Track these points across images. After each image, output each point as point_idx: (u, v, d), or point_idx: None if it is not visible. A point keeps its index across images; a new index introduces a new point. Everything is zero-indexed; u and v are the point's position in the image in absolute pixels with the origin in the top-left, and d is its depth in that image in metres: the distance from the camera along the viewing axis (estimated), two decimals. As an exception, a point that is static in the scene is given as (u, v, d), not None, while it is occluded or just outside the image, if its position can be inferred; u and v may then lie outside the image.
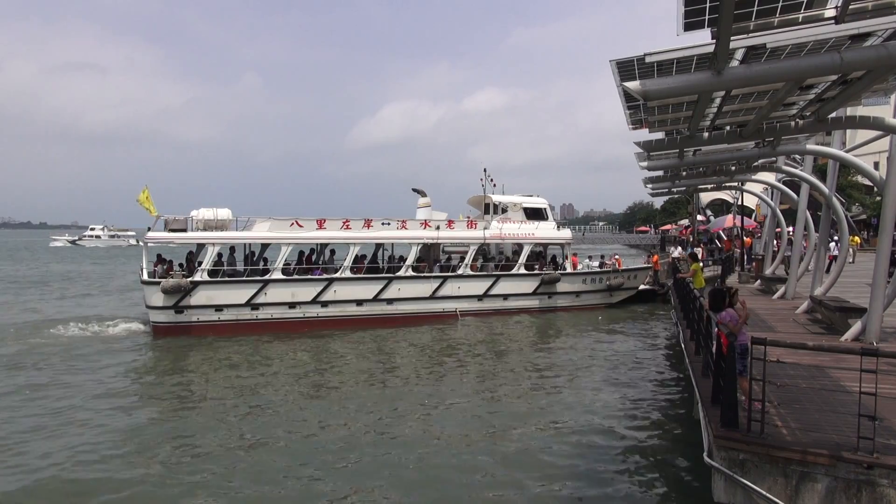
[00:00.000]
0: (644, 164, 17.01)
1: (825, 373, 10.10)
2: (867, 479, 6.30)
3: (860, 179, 49.34)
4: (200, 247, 25.57)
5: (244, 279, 24.80)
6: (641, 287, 33.98)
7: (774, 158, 17.08)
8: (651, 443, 11.87)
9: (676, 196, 68.74)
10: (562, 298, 29.81)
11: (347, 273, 25.84)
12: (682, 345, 15.42)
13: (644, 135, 14.23)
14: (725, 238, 42.14)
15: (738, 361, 7.56)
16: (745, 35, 7.74)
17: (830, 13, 7.34)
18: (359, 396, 15.38)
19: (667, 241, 69.23)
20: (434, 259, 29.30)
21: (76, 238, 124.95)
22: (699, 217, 58.47)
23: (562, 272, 29.72)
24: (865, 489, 6.30)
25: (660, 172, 19.61)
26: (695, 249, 34.73)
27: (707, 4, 6.73)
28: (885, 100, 14.02)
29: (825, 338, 13.24)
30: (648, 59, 8.36)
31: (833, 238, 23.74)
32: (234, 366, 18.79)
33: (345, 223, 26.61)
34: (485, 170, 31.01)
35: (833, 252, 22.99)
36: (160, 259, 24.83)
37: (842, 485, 6.40)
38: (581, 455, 11.26)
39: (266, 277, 24.84)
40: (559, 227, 32.38)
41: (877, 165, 31.10)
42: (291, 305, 25.00)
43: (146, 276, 23.64)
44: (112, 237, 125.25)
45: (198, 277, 23.80)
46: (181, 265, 24.80)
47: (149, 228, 24.32)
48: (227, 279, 24.62)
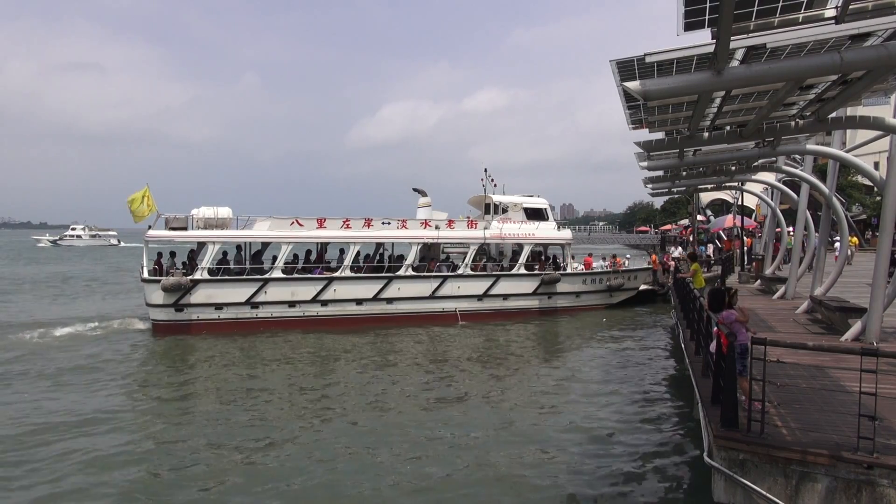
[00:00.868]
0: (644, 164, 17.01)
1: (825, 373, 10.11)
2: (867, 479, 6.30)
3: (860, 179, 49.33)
4: (201, 245, 25.57)
5: (244, 278, 24.80)
6: (642, 287, 34.01)
7: (774, 158, 17.08)
8: (651, 443, 11.86)
9: (676, 196, 68.75)
10: (562, 299, 29.81)
11: (347, 272, 25.87)
12: (682, 345, 15.43)
13: (644, 135, 14.22)
14: (725, 238, 42.14)
15: (738, 361, 7.56)
16: (745, 35, 7.74)
17: (830, 13, 7.34)
18: (359, 396, 15.37)
19: (667, 241, 69.18)
20: (434, 258, 29.30)
21: (57, 238, 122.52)
22: (699, 217, 58.45)
23: (562, 272, 29.72)
24: (865, 489, 6.30)
25: (660, 172, 19.61)
26: (695, 249, 34.73)
27: (707, 4, 6.73)
28: (885, 100, 14.04)
29: (825, 338, 13.24)
30: (648, 59, 8.35)
31: (835, 238, 23.72)
32: (234, 364, 18.80)
33: (345, 223, 26.63)
34: (486, 170, 31.03)
35: (838, 252, 22.90)
36: (160, 257, 24.82)
37: (842, 485, 6.40)
38: (580, 454, 11.27)
39: (266, 276, 24.86)
40: (559, 228, 32.37)
41: (877, 165, 31.11)
42: (291, 304, 25.01)
43: (146, 275, 23.64)
44: (93, 237, 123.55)
45: (198, 276, 23.81)
46: (184, 263, 24.82)
47: (150, 227, 24.29)
48: (228, 277, 24.63)
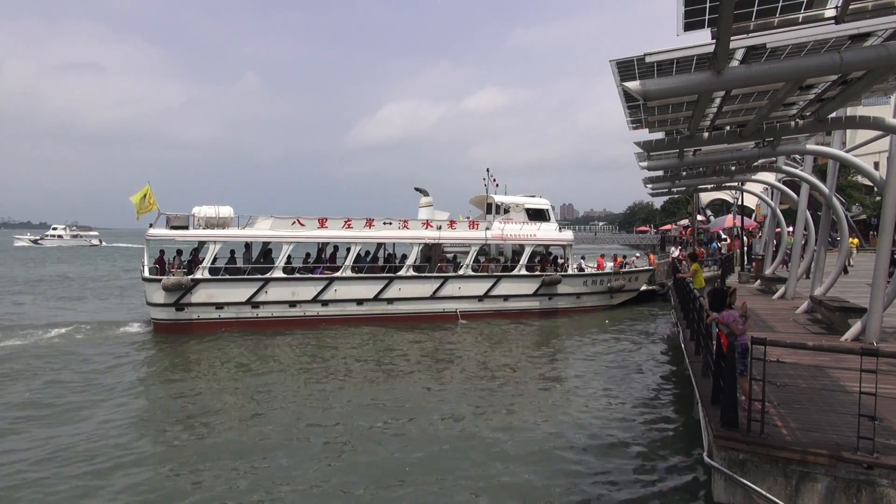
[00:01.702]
0: (644, 164, 17.02)
1: (825, 373, 10.11)
2: (867, 479, 6.30)
3: (860, 179, 49.31)
4: (202, 244, 25.58)
5: (245, 277, 24.80)
6: (643, 288, 34.01)
7: (774, 158, 17.08)
8: (651, 443, 11.86)
9: (676, 196, 68.70)
10: (563, 300, 29.78)
11: (348, 272, 25.87)
12: (682, 345, 15.44)
13: (644, 135, 14.22)
14: (726, 239, 42.16)
15: (739, 361, 7.56)
16: (745, 35, 7.75)
17: (830, 13, 7.35)
18: (358, 395, 15.37)
19: (667, 241, 69.17)
20: (441, 259, 29.25)
21: (38, 238, 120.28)
22: (699, 217, 58.46)
23: (563, 273, 29.70)
24: (865, 489, 6.31)
25: (660, 172, 19.61)
26: (695, 249, 34.72)
27: (707, 4, 6.74)
28: (885, 100, 14.06)
29: (825, 338, 13.25)
30: (648, 59, 8.36)
31: (838, 238, 23.68)
32: (234, 364, 18.78)
33: (346, 222, 26.64)
34: (487, 169, 30.97)
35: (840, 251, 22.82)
36: (163, 255, 24.81)
37: (842, 485, 6.41)
38: (580, 454, 11.27)
39: (267, 276, 24.87)
40: (560, 228, 32.35)
41: (877, 165, 31.12)
42: (292, 304, 25.01)
43: (147, 274, 23.65)
44: (74, 237, 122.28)
45: (199, 275, 23.82)
46: (189, 261, 24.83)
47: (150, 225, 24.29)
48: (228, 277, 24.63)
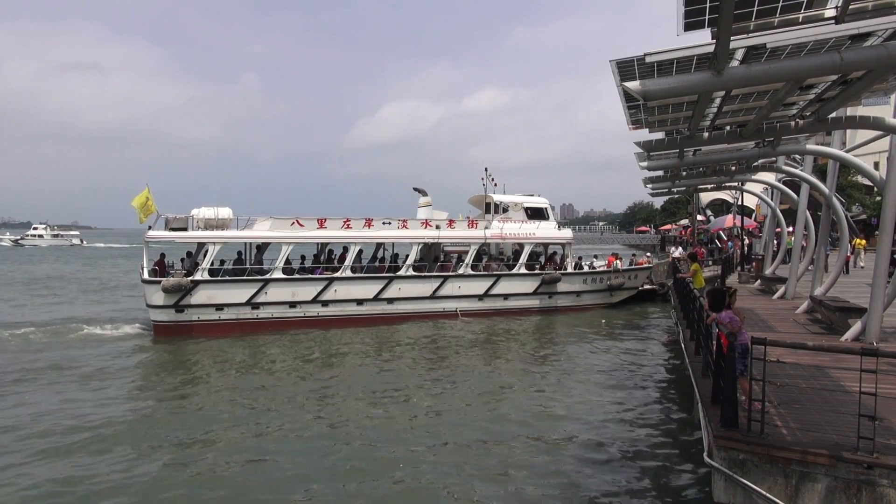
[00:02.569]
0: (644, 164, 17.02)
1: (825, 373, 10.11)
2: (867, 479, 6.30)
3: (860, 179, 49.32)
4: (201, 246, 25.57)
5: (244, 278, 24.79)
6: (644, 287, 34.03)
7: (774, 158, 17.08)
8: (651, 443, 11.85)
9: (676, 196, 68.78)
10: (562, 298, 29.81)
11: (348, 272, 25.87)
12: (682, 345, 15.43)
13: (644, 135, 14.23)
14: (725, 238, 42.14)
15: (739, 361, 7.56)
16: (745, 35, 7.75)
17: (830, 13, 7.35)
18: (358, 395, 15.37)
19: (667, 241, 69.22)
20: (436, 258, 29.29)
21: (18, 238, 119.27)
22: (699, 217, 58.47)
23: (562, 272, 29.72)
24: (865, 489, 6.30)
25: (660, 172, 19.61)
26: (695, 249, 34.72)
27: (707, 4, 6.74)
28: (885, 100, 14.06)
29: (825, 338, 13.24)
30: (648, 59, 8.36)
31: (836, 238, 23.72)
32: (234, 365, 18.79)
33: (345, 223, 26.64)
34: (486, 169, 31.00)
35: (848, 252, 22.84)
36: (163, 258, 24.80)
37: (842, 485, 6.41)
38: (580, 454, 11.26)
39: (266, 277, 24.85)
40: (560, 227, 32.39)
41: (877, 165, 31.13)
42: (292, 305, 25.01)
43: (146, 275, 23.64)
44: (55, 237, 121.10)
45: (198, 276, 23.81)
46: (191, 262, 24.84)
47: (150, 227, 24.29)
48: (228, 278, 24.62)
